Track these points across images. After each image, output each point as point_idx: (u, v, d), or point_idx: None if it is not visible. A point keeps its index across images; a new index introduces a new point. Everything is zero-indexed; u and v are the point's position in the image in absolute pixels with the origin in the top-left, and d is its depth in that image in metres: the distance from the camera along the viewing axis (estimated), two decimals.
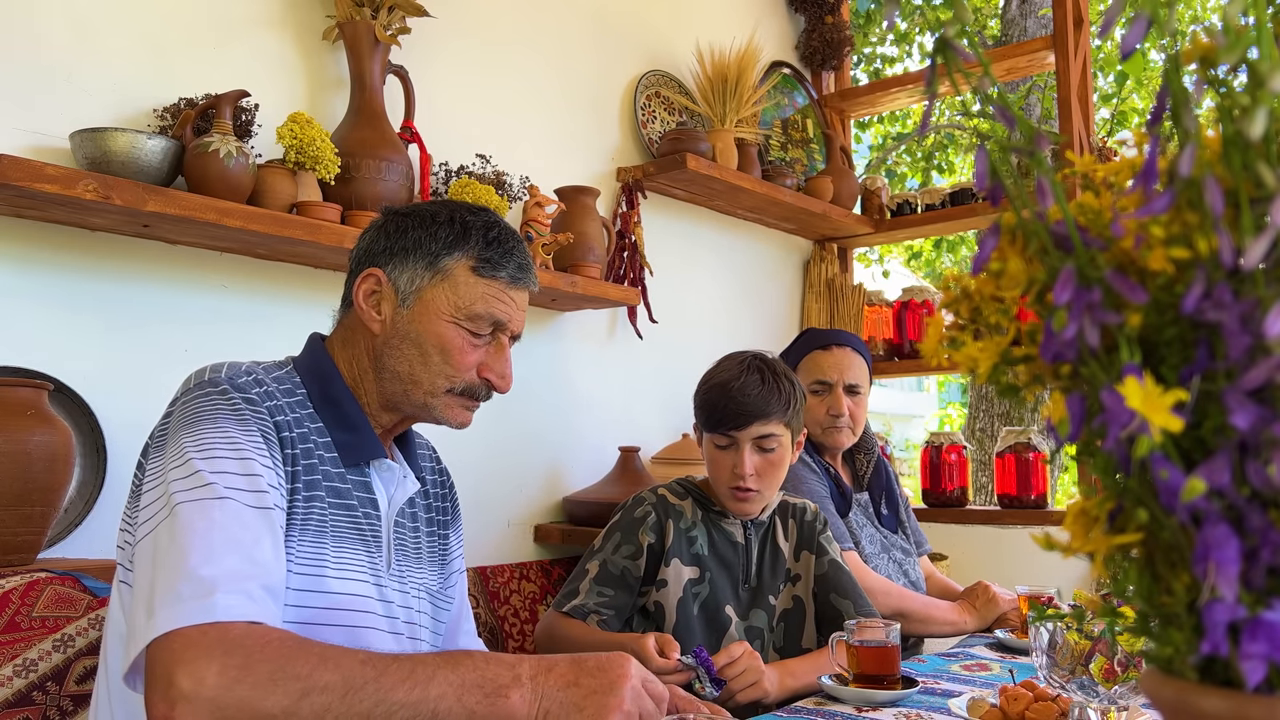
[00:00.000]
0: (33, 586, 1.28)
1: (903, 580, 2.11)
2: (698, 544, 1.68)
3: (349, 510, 1.12)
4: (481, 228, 1.19)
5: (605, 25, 2.55)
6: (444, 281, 1.17)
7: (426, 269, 1.17)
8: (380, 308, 1.18)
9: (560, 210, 2.16)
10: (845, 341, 2.17)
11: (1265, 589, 0.38)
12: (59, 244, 1.55)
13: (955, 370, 2.66)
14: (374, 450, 1.17)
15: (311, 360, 1.19)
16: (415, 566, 1.23)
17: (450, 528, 1.35)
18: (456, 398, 1.19)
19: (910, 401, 17.35)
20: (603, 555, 1.66)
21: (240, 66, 1.79)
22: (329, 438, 1.13)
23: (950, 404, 12.08)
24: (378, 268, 1.18)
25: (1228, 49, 0.39)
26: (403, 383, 1.17)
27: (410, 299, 1.17)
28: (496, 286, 1.18)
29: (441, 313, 1.16)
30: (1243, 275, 0.39)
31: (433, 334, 1.16)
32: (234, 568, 0.91)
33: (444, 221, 1.18)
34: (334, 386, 1.17)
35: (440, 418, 1.20)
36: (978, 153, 0.45)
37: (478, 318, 1.17)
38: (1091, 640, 1.09)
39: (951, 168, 7.60)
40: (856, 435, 2.16)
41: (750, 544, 1.72)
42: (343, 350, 1.21)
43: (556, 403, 2.35)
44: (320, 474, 1.10)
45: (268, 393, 1.08)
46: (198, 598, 0.87)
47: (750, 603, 1.70)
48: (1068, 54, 2.74)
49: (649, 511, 1.68)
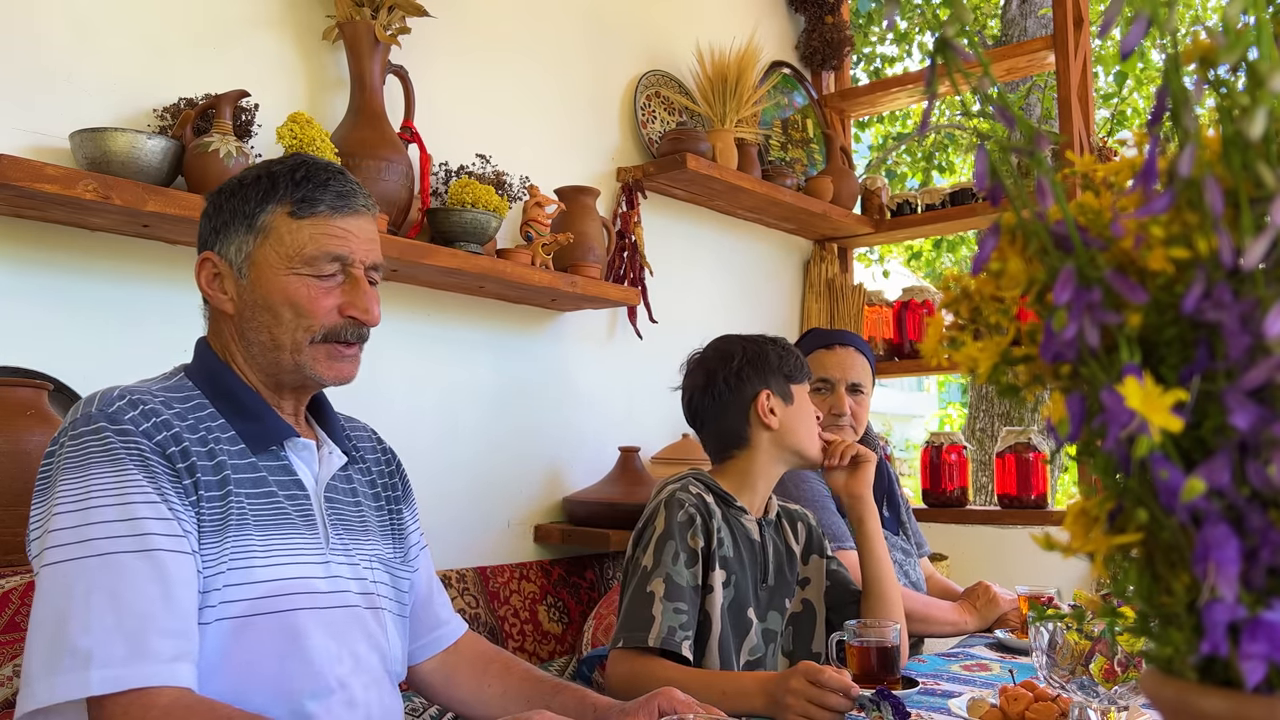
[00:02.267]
0: (33, 586, 1.28)
1: (903, 581, 2.11)
2: (725, 545, 1.61)
3: (269, 497, 1.11)
4: (287, 171, 1.15)
5: (605, 25, 2.55)
6: (268, 238, 1.13)
7: (247, 232, 1.13)
8: (225, 287, 1.15)
9: (560, 210, 2.16)
10: (849, 341, 2.18)
11: (1265, 589, 0.38)
12: (59, 244, 1.55)
13: (955, 370, 2.66)
14: (280, 432, 1.15)
15: (200, 363, 1.18)
16: (362, 538, 1.21)
17: (403, 504, 1.33)
18: (322, 347, 1.14)
19: (910, 401, 17.35)
20: (664, 570, 1.51)
21: (240, 66, 1.79)
22: (232, 431, 1.12)
23: (950, 404, 12.08)
24: (209, 250, 1.17)
25: (1228, 49, 0.39)
26: (269, 351, 1.14)
27: (245, 268, 1.14)
28: (321, 221, 1.13)
29: (277, 268, 1.12)
30: (1243, 275, 0.39)
31: (277, 292, 1.12)
32: (114, 633, 0.91)
33: (251, 181, 1.16)
34: (225, 380, 1.15)
35: (317, 375, 1.15)
36: (978, 153, 0.45)
37: (314, 260, 1.13)
38: (1091, 640, 1.09)
39: (951, 168, 7.60)
40: (859, 435, 2.17)
41: (766, 542, 1.68)
42: (216, 341, 1.19)
43: (556, 403, 2.35)
44: (230, 469, 1.08)
45: (146, 412, 1.05)
46: (75, 670, 0.88)
47: (768, 603, 1.67)
48: (1068, 54, 2.74)
49: (693, 514, 1.57)
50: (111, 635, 0.91)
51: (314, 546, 1.13)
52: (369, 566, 1.20)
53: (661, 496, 1.62)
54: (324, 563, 1.13)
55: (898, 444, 8.18)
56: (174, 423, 1.06)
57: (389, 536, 1.28)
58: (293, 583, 1.08)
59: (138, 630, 0.92)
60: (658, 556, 1.53)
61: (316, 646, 1.07)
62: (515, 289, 2.08)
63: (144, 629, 0.93)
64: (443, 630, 1.35)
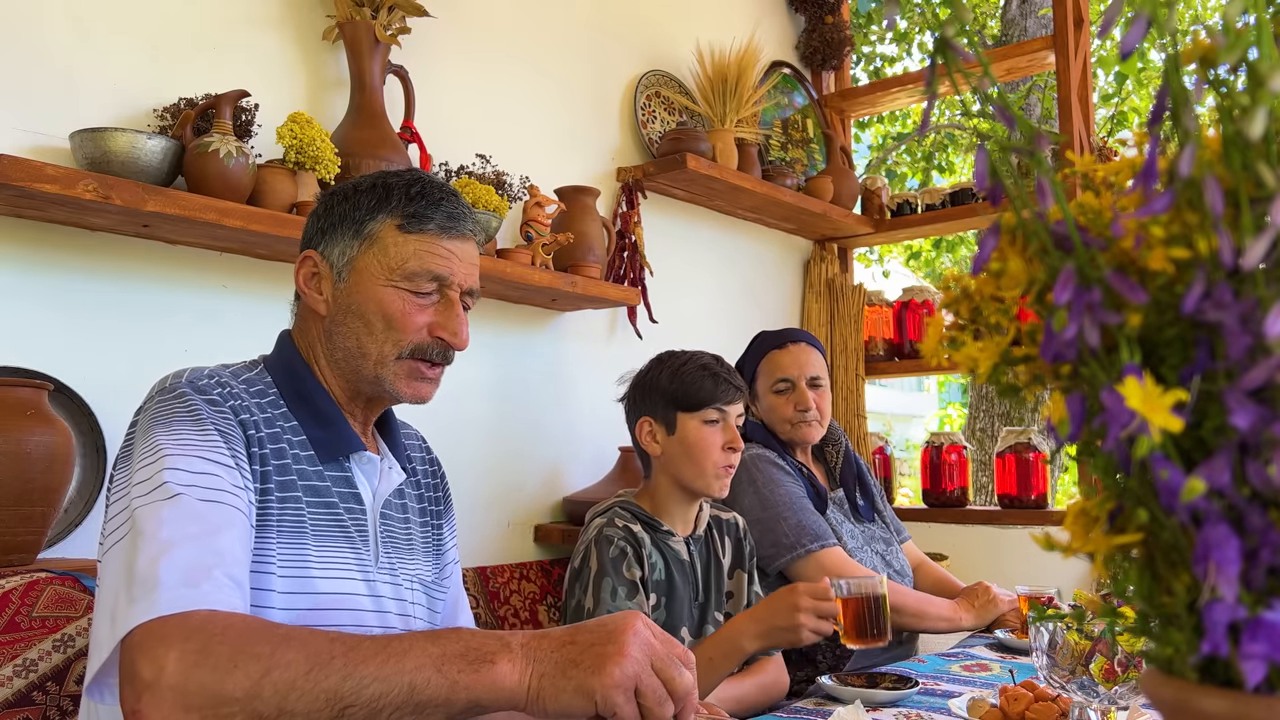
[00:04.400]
0: (33, 586, 1.28)
1: (887, 571, 2.11)
2: (658, 570, 1.63)
3: (329, 508, 1.11)
4: (403, 185, 1.16)
5: (605, 25, 2.55)
6: (373, 246, 1.14)
7: (354, 238, 1.14)
8: (321, 288, 1.16)
9: (560, 210, 2.16)
10: (800, 338, 2.20)
11: (1265, 589, 0.38)
12: (59, 244, 1.55)
13: (955, 370, 2.66)
14: (351, 444, 1.15)
15: (280, 358, 1.18)
16: (407, 558, 1.21)
17: (443, 518, 1.34)
18: (407, 363, 1.14)
19: (910, 401, 17.36)
20: (604, 609, 1.54)
21: (240, 66, 1.79)
22: (304, 435, 1.12)
23: (950, 404, 12.08)
24: (311, 249, 1.17)
25: (1228, 49, 0.39)
26: (353, 358, 1.14)
27: (345, 272, 1.14)
28: (428, 240, 1.14)
29: (376, 278, 1.13)
30: (1243, 275, 0.39)
31: (373, 302, 1.13)
32: (190, 560, 0.90)
33: (366, 189, 1.16)
34: (305, 382, 1.15)
35: (395, 391, 1.15)
36: (978, 153, 0.45)
37: (414, 276, 1.13)
38: (1091, 640, 1.09)
39: (951, 168, 7.60)
40: (825, 428, 2.18)
41: (695, 560, 1.70)
42: (301, 340, 1.19)
43: (556, 403, 2.35)
44: (296, 473, 1.08)
45: (231, 393, 1.06)
46: (152, 593, 0.86)
47: (700, 619, 1.67)
48: (1068, 54, 2.74)
49: (624, 548, 1.59)
50: (189, 563, 0.90)
51: (364, 564, 1.13)
52: (410, 588, 1.19)
53: (591, 534, 1.63)
54: (370, 581, 1.13)
55: (898, 444, 8.18)
56: (254, 411, 1.07)
57: (430, 554, 1.28)
58: (343, 598, 1.08)
59: (212, 564, 0.91)
60: (597, 595, 1.56)
61: None
62: (515, 289, 2.08)
63: (216, 564, 0.91)
64: None
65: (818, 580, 1.92)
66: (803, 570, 1.94)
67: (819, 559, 1.93)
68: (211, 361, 1.18)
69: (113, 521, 0.98)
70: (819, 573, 1.93)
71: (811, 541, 1.94)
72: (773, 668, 1.69)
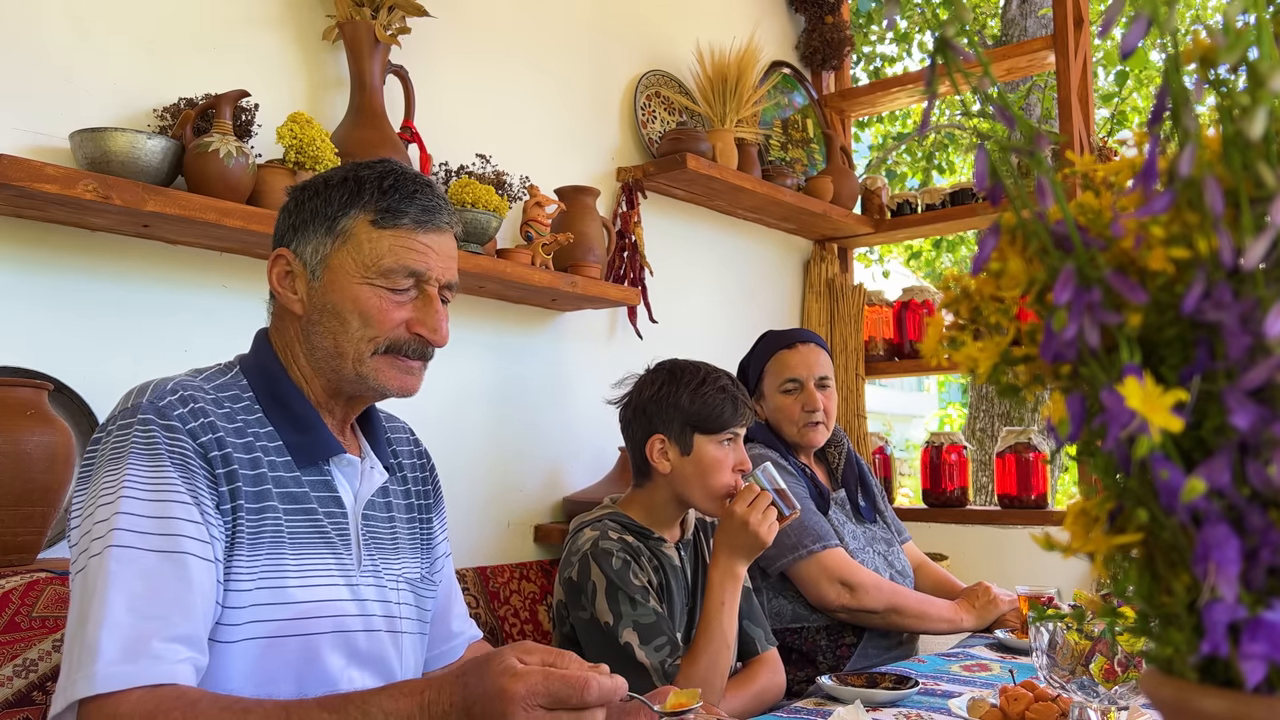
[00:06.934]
0: (33, 586, 1.28)
1: (889, 572, 2.11)
2: (655, 577, 1.63)
3: (308, 514, 1.09)
4: (375, 178, 1.12)
5: (605, 25, 2.55)
6: (347, 243, 1.10)
7: (327, 235, 1.11)
8: (295, 287, 1.13)
9: (560, 210, 2.16)
10: (808, 339, 2.19)
11: (1265, 589, 0.38)
12: (59, 244, 1.55)
13: (955, 370, 2.66)
14: (329, 448, 1.12)
15: (256, 359, 1.15)
16: (392, 558, 1.19)
17: (433, 511, 1.32)
18: (385, 358, 1.11)
19: (910, 401, 17.35)
20: (628, 619, 1.51)
21: (240, 66, 1.79)
22: (280, 441, 1.09)
23: (950, 404, 12.08)
24: (284, 247, 1.14)
25: (1228, 49, 0.39)
26: (332, 359, 1.12)
27: (319, 270, 1.11)
28: (403, 234, 1.11)
29: (352, 276, 1.10)
30: (1243, 275, 0.39)
31: (348, 299, 1.10)
32: (129, 630, 0.91)
33: (337, 183, 1.13)
34: (280, 385, 1.12)
35: (378, 386, 1.12)
36: (978, 153, 0.45)
37: (390, 272, 1.10)
38: (1091, 640, 1.09)
39: (951, 168, 7.60)
40: (830, 430, 2.17)
41: (685, 565, 1.70)
42: (278, 339, 1.16)
43: (556, 403, 2.35)
44: (272, 481, 1.06)
45: (195, 411, 1.03)
46: (91, 665, 0.89)
47: (689, 622, 1.67)
48: (1068, 54, 2.74)
49: (625, 559, 1.57)
50: (127, 634, 0.91)
51: (346, 568, 1.11)
52: (395, 588, 1.18)
53: (584, 546, 1.60)
54: (353, 585, 1.11)
55: (898, 444, 8.17)
56: (220, 425, 1.05)
57: (418, 551, 1.26)
58: (322, 605, 1.07)
59: (151, 632, 0.92)
60: (615, 609, 1.52)
61: (335, 669, 1.07)
62: (515, 289, 2.08)
63: (155, 630, 0.92)
64: (454, 643, 1.34)
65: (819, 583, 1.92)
66: (805, 571, 1.94)
67: (821, 560, 1.93)
68: (211, 362, 1.18)
69: (75, 548, 0.99)
70: (821, 574, 1.93)
71: (814, 542, 1.94)
72: (771, 668, 1.69)
